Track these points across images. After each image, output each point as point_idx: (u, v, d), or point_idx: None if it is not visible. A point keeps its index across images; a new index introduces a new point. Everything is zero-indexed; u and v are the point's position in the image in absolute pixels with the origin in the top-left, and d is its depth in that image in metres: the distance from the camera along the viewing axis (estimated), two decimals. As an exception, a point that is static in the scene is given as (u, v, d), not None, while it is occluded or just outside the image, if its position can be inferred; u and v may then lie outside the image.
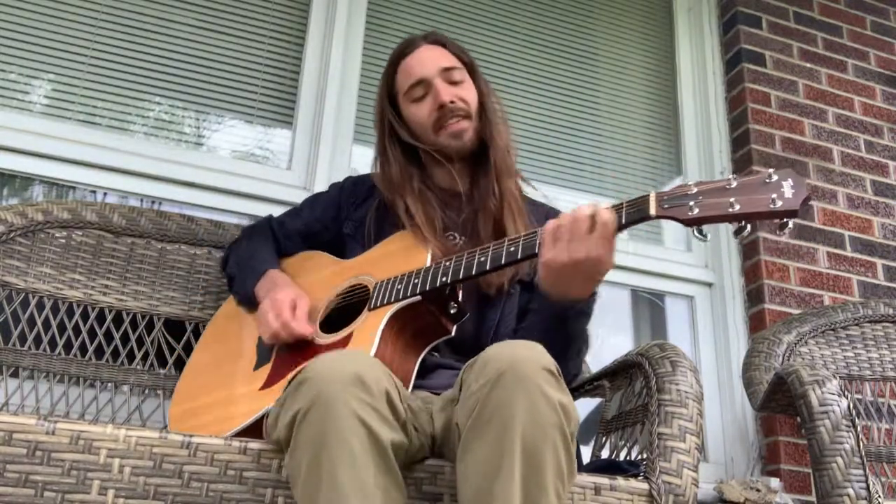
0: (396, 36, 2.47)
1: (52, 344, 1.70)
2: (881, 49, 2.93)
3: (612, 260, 1.16)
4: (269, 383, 1.33)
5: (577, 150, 2.60)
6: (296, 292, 1.43)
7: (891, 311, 2.20)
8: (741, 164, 2.60)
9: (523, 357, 1.02)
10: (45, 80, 2.09)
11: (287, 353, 1.37)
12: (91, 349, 1.72)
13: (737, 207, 1.06)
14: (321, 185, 2.17)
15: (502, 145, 1.53)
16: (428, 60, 1.54)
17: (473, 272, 1.26)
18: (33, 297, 1.70)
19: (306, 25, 2.37)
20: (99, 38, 2.15)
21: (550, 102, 2.61)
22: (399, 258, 1.38)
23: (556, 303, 1.24)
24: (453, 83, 1.53)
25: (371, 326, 1.28)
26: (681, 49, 2.83)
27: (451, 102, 1.49)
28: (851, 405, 1.50)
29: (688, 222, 1.09)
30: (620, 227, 1.15)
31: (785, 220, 1.05)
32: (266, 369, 1.38)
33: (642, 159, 2.68)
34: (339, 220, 1.60)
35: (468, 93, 1.54)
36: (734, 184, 1.08)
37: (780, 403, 1.82)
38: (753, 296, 2.44)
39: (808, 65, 2.78)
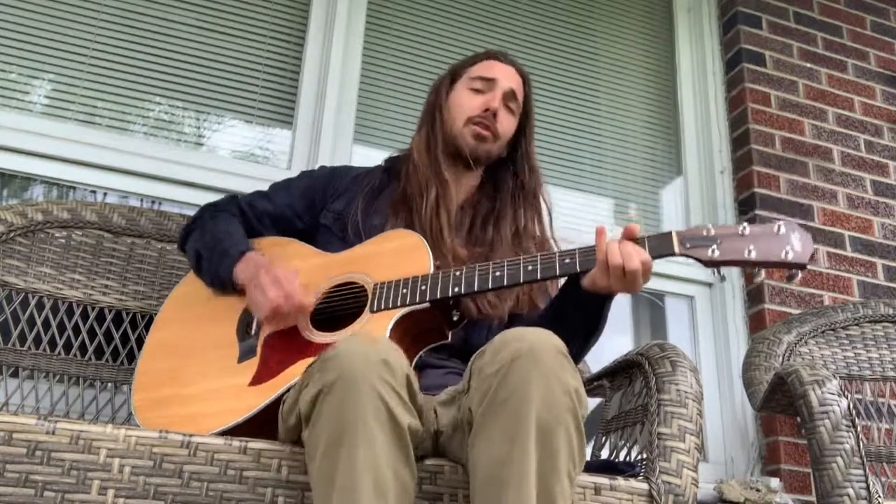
0: (396, 36, 2.48)
1: (52, 344, 1.69)
2: (881, 49, 2.93)
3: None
4: (258, 379, 1.30)
5: (577, 150, 2.60)
6: (290, 269, 1.40)
7: (891, 311, 2.20)
8: (741, 163, 2.60)
9: (539, 341, 1.03)
10: (45, 80, 2.09)
11: (276, 349, 1.34)
12: (91, 349, 1.72)
13: (753, 255, 1.20)
14: (321, 185, 2.17)
15: (536, 177, 1.62)
16: (510, 76, 1.63)
17: (490, 286, 1.27)
18: (33, 297, 1.70)
19: (306, 25, 2.37)
20: (99, 38, 2.15)
21: (550, 102, 2.61)
22: (398, 259, 1.37)
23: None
24: (508, 108, 1.61)
25: (376, 329, 1.28)
26: (681, 49, 2.83)
27: (494, 114, 1.57)
28: (851, 405, 1.50)
29: (708, 263, 1.22)
30: None
31: (794, 271, 1.19)
32: (253, 364, 1.34)
33: (642, 159, 2.68)
34: (314, 210, 1.58)
35: (509, 124, 1.61)
36: (747, 231, 1.22)
37: (780, 403, 1.82)
38: (753, 296, 2.44)
39: (808, 65, 2.78)
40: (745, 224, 1.23)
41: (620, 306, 2.51)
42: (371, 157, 2.31)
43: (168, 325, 1.53)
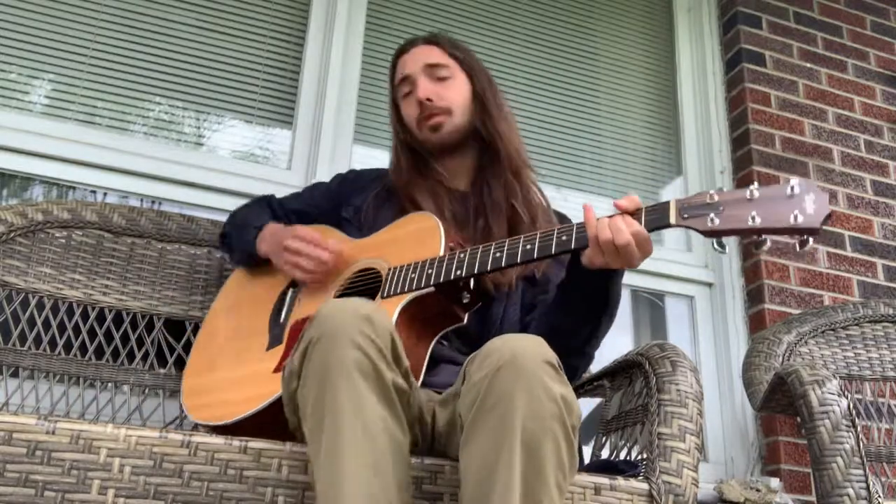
0: (396, 36, 2.48)
1: (52, 344, 1.69)
2: (881, 49, 2.93)
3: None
4: (281, 366, 1.32)
5: (577, 150, 2.60)
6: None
7: (891, 311, 2.20)
8: (741, 164, 2.60)
9: (523, 349, 1.02)
10: (45, 80, 2.09)
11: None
12: (91, 349, 1.72)
13: (757, 221, 1.05)
14: (321, 185, 2.17)
15: (507, 140, 1.56)
16: (418, 56, 1.60)
17: (489, 268, 1.26)
18: (33, 297, 1.70)
19: (306, 25, 2.37)
20: (99, 38, 2.15)
21: (550, 102, 2.61)
22: (412, 243, 1.39)
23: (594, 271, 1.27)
24: (439, 79, 1.57)
25: None
26: (681, 49, 2.83)
27: (428, 100, 1.54)
28: (851, 405, 1.50)
29: (707, 233, 1.10)
30: None
31: (805, 237, 1.03)
32: (279, 350, 1.38)
33: (642, 159, 2.68)
34: (337, 207, 1.64)
35: (451, 91, 1.57)
36: (756, 195, 1.07)
37: (780, 403, 1.82)
38: (753, 296, 2.44)
39: (808, 65, 2.78)
40: (755, 186, 1.07)
41: (620, 306, 2.50)
42: (371, 157, 2.32)
43: (215, 315, 1.63)
